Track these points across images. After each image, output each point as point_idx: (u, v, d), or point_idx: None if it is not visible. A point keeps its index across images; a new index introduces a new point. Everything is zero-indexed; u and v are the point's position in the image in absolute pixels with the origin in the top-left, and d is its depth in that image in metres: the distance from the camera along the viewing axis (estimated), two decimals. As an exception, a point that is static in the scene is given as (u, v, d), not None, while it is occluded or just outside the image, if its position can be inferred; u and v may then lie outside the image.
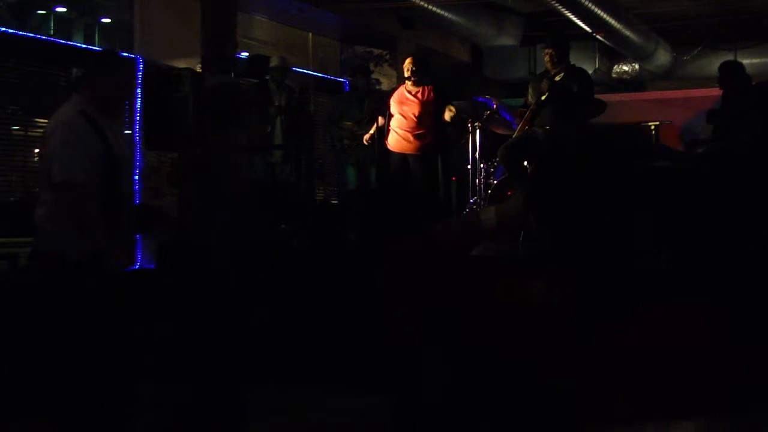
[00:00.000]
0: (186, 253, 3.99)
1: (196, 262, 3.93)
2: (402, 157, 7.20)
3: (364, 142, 7.56)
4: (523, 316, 1.42)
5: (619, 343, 1.34)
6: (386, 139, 7.24)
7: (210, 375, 3.97)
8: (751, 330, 1.39)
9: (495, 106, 8.04)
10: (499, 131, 7.99)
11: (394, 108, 7.18)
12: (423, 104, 7.14)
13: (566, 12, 9.95)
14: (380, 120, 7.38)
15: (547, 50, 7.23)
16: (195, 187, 3.97)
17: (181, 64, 8.72)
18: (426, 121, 7.15)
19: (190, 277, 3.95)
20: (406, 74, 7.11)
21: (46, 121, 8.44)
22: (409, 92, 7.16)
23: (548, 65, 7.22)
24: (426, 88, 7.17)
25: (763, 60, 11.94)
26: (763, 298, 1.45)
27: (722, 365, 1.31)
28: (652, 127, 8.34)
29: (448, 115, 7.06)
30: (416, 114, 7.13)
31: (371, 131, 7.47)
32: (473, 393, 1.39)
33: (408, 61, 7.18)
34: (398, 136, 7.19)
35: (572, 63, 7.29)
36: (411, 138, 7.17)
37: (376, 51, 11.96)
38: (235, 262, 3.97)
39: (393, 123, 7.19)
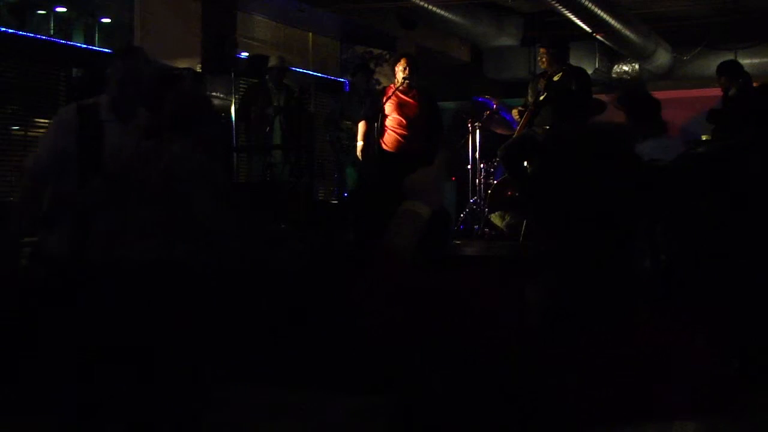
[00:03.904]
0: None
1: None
2: (400, 157, 7.19)
3: (358, 154, 7.49)
4: (522, 317, 1.42)
5: (617, 343, 1.34)
6: (382, 139, 7.22)
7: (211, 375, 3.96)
8: (749, 330, 1.39)
9: (495, 106, 8.05)
10: (499, 131, 8.00)
11: (389, 108, 7.16)
12: (419, 106, 7.14)
13: (566, 12, 9.95)
14: (362, 126, 7.36)
15: (541, 50, 7.32)
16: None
17: (181, 64, 8.73)
18: (422, 122, 7.16)
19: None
20: (402, 75, 7.08)
21: (46, 121, 8.47)
22: (404, 93, 7.14)
23: (543, 65, 7.28)
24: (417, 89, 7.18)
25: (763, 60, 11.94)
26: (761, 297, 1.45)
27: (721, 365, 1.31)
28: (652, 127, 8.33)
29: None
30: (414, 115, 7.13)
31: (359, 142, 7.41)
32: (472, 393, 1.39)
33: (402, 61, 7.14)
34: (397, 136, 7.18)
35: (570, 63, 7.32)
36: (411, 138, 7.16)
37: (376, 51, 11.96)
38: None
39: (390, 123, 7.17)
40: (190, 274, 3.65)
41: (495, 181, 7.86)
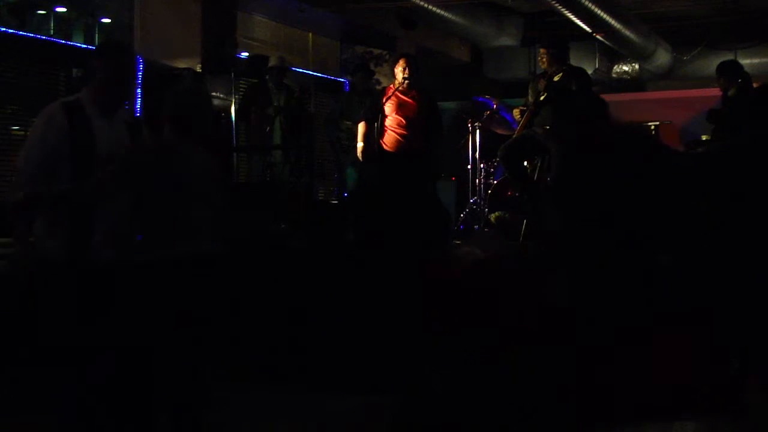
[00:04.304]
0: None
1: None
2: (400, 157, 7.18)
3: (359, 156, 7.45)
4: (522, 317, 1.42)
5: (618, 343, 1.34)
6: (382, 140, 7.21)
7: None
8: (749, 330, 1.39)
9: (495, 106, 8.05)
10: (499, 131, 8.00)
11: (389, 109, 7.14)
12: (418, 106, 7.13)
13: (566, 12, 9.95)
14: (362, 127, 7.32)
15: (541, 50, 7.33)
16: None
17: (181, 64, 8.73)
18: (422, 122, 7.15)
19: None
20: (403, 75, 7.06)
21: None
22: (404, 93, 7.13)
23: (543, 65, 7.30)
24: (417, 89, 7.17)
25: (763, 60, 11.94)
26: (761, 297, 1.45)
27: (721, 365, 1.31)
28: (652, 127, 8.35)
29: None
30: (413, 115, 7.12)
31: (359, 144, 7.37)
32: (474, 392, 1.39)
33: (402, 62, 7.12)
34: (397, 136, 7.17)
35: (570, 63, 7.33)
36: (411, 138, 7.15)
37: (376, 51, 11.96)
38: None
39: (390, 124, 7.16)
40: (205, 274, 3.66)
41: (495, 181, 7.87)
